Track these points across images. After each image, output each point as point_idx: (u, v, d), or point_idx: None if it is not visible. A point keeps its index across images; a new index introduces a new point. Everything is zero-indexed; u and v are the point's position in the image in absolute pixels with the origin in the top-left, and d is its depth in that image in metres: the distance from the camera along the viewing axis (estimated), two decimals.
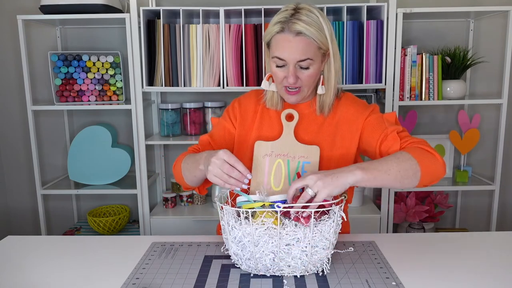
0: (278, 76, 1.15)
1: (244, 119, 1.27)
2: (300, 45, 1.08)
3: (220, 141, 1.28)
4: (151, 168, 2.37)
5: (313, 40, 1.08)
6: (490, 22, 2.23)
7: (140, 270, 1.04)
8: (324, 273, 1.00)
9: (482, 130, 2.31)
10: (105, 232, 2.14)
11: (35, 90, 2.29)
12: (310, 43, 1.09)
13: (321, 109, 1.22)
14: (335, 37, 1.97)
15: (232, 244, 0.99)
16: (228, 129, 1.29)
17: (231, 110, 1.30)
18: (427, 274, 1.00)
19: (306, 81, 1.14)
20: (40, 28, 2.26)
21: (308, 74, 1.13)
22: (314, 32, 1.07)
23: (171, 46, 1.97)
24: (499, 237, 1.23)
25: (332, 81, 1.18)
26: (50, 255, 1.13)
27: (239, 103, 1.30)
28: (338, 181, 0.96)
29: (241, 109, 1.29)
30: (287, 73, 1.12)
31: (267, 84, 1.22)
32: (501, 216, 2.38)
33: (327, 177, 0.96)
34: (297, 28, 1.07)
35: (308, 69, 1.12)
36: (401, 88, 2.02)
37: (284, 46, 1.09)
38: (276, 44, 1.11)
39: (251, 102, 1.29)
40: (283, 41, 1.09)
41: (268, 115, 1.26)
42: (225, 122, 1.29)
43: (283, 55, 1.10)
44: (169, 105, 2.12)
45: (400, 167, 1.02)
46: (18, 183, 2.44)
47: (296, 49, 1.09)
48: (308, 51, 1.09)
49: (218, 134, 1.29)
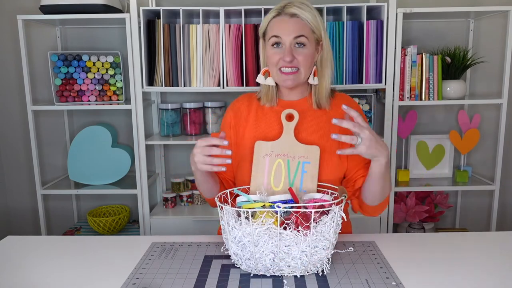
0: (274, 58, 1.18)
1: (238, 121, 1.29)
2: (296, 24, 1.16)
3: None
4: (151, 168, 2.37)
5: (307, 22, 1.16)
6: (490, 22, 2.23)
7: (140, 270, 1.04)
8: (324, 273, 1.00)
9: (482, 130, 2.31)
10: (105, 232, 2.14)
11: (35, 90, 2.29)
12: (305, 24, 1.16)
13: (317, 103, 1.24)
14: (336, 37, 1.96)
15: (232, 244, 0.99)
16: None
17: (226, 120, 1.32)
18: (427, 274, 1.00)
19: (302, 61, 1.17)
20: (40, 28, 2.26)
21: (304, 53, 1.17)
22: (308, 15, 1.16)
23: (171, 46, 1.97)
24: (499, 237, 1.23)
25: (325, 72, 1.22)
26: (50, 255, 1.13)
27: (233, 109, 1.32)
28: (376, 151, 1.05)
29: (234, 114, 1.30)
30: (283, 53, 1.16)
31: (263, 78, 1.24)
32: (501, 216, 2.38)
33: (376, 142, 1.05)
34: (292, 11, 1.15)
35: (304, 46, 1.17)
36: (401, 88, 2.02)
37: (281, 25, 1.16)
38: (273, 26, 1.18)
39: (243, 103, 1.31)
40: (280, 22, 1.17)
41: (263, 113, 1.27)
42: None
43: (280, 33, 1.16)
44: (169, 105, 2.12)
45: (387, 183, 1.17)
46: (18, 183, 2.44)
47: (292, 27, 1.15)
48: (304, 30, 1.16)
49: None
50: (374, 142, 1.04)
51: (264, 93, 1.27)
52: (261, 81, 1.24)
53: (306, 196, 1.07)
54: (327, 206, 0.98)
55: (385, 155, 1.07)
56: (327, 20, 1.95)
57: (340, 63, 1.97)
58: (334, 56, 1.96)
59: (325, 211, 0.99)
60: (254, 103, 1.30)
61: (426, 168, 2.27)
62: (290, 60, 1.15)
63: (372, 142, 1.04)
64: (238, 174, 1.27)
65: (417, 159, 2.26)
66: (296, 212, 0.96)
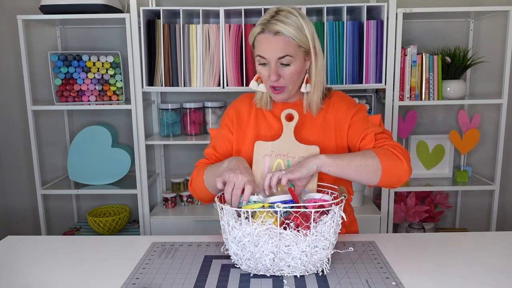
0: (263, 75, 1.19)
1: (240, 121, 1.30)
2: (279, 43, 1.13)
3: (223, 150, 1.32)
4: (151, 168, 2.37)
5: (292, 38, 1.13)
6: (490, 22, 2.23)
7: (140, 270, 1.04)
8: (324, 273, 1.00)
9: (482, 130, 2.31)
10: (105, 232, 2.14)
11: (35, 90, 2.29)
12: (289, 41, 1.13)
13: (308, 109, 1.25)
14: (336, 37, 1.96)
15: (232, 244, 0.99)
16: (228, 138, 1.31)
17: (227, 117, 1.33)
18: (427, 274, 1.00)
19: (288, 78, 1.17)
20: (40, 28, 2.26)
21: (290, 71, 1.16)
22: (292, 31, 1.12)
23: (171, 46, 1.97)
24: (499, 237, 1.23)
25: (317, 80, 1.22)
26: (50, 255, 1.13)
27: (233, 107, 1.33)
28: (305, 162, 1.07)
29: (235, 113, 1.31)
30: (269, 72, 1.16)
31: (256, 85, 1.26)
32: (501, 216, 2.38)
33: (300, 166, 1.07)
34: (275, 28, 1.12)
35: (289, 66, 1.16)
36: (401, 88, 2.02)
37: (265, 45, 1.15)
38: (258, 44, 1.16)
39: (244, 104, 1.33)
40: (264, 41, 1.15)
41: (262, 115, 1.29)
42: (224, 131, 1.32)
43: (264, 54, 1.15)
44: (169, 105, 2.12)
45: (362, 162, 1.10)
46: (18, 183, 2.44)
47: (275, 47, 1.13)
48: (287, 49, 1.13)
49: (220, 145, 1.32)
50: (298, 167, 1.07)
51: (259, 98, 1.29)
52: (254, 87, 1.26)
53: (305, 196, 1.08)
54: (327, 206, 0.98)
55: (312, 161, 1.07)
56: (327, 20, 1.95)
57: (340, 63, 1.97)
58: (334, 56, 1.96)
59: (325, 211, 0.99)
60: (254, 105, 1.31)
61: (426, 168, 2.27)
62: (276, 79, 1.16)
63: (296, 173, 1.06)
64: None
65: (417, 159, 2.26)
66: (296, 212, 0.96)
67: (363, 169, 1.09)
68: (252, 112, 1.30)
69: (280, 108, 1.27)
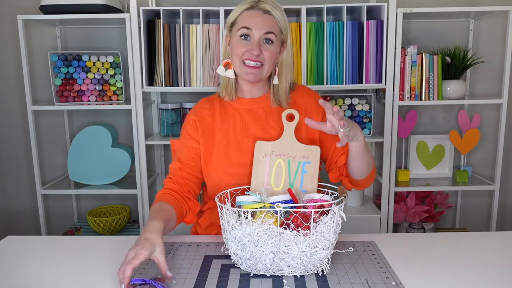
0: (240, 50, 1.19)
1: (204, 127, 1.27)
2: (268, 20, 1.18)
3: (189, 162, 1.26)
4: (151, 168, 2.38)
5: (278, 21, 1.19)
6: (490, 22, 2.23)
7: (140, 270, 1.04)
8: (324, 273, 1.00)
9: (482, 130, 2.31)
10: (105, 232, 2.14)
11: (35, 90, 2.29)
12: (275, 22, 1.19)
13: (277, 102, 1.26)
14: (336, 37, 1.96)
15: (232, 244, 0.99)
16: (192, 147, 1.26)
17: (189, 125, 1.28)
18: (427, 274, 1.00)
19: (268, 57, 1.19)
20: (40, 28, 2.26)
21: (271, 50, 1.19)
22: (279, 14, 1.19)
23: (171, 46, 1.97)
24: (499, 237, 1.23)
25: (286, 72, 1.25)
26: (50, 255, 1.13)
27: (195, 114, 1.29)
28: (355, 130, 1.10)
29: (198, 119, 1.27)
30: (251, 46, 1.17)
31: (223, 70, 1.25)
32: (501, 216, 2.38)
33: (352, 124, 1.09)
34: (265, 7, 1.18)
35: (272, 43, 1.19)
36: (401, 88, 2.02)
37: (254, 18, 1.18)
38: (245, 18, 1.19)
39: (205, 108, 1.29)
40: (252, 16, 1.19)
41: (228, 114, 1.27)
42: (187, 140, 1.27)
43: (251, 25, 1.17)
44: (169, 105, 2.12)
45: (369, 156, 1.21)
46: (18, 183, 2.44)
47: (264, 23, 1.18)
48: (274, 27, 1.19)
49: (185, 156, 1.26)
50: (351, 124, 1.08)
51: (224, 86, 1.27)
52: (221, 72, 1.25)
53: (305, 196, 1.08)
54: (326, 206, 0.98)
55: (361, 132, 1.13)
56: (327, 20, 1.95)
57: (340, 63, 1.97)
58: (334, 56, 1.96)
59: (325, 211, 0.99)
60: (216, 107, 1.28)
61: (426, 168, 2.27)
62: (257, 54, 1.17)
63: (350, 125, 1.07)
64: (210, 178, 1.26)
65: (417, 159, 2.26)
66: (296, 212, 0.96)
67: (367, 163, 1.20)
68: (215, 114, 1.27)
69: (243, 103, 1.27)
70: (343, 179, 1.27)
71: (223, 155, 1.24)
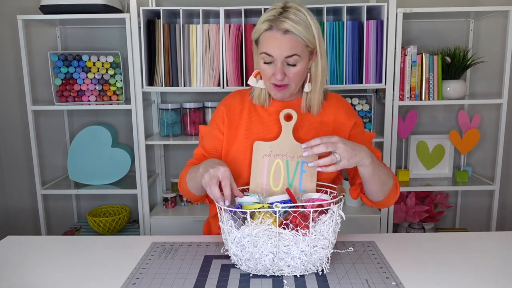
0: (266, 73, 1.16)
1: (231, 120, 1.27)
2: (288, 43, 1.10)
3: (212, 151, 1.28)
4: (151, 168, 2.37)
5: (301, 38, 1.10)
6: (490, 22, 2.23)
7: (140, 270, 1.04)
8: (324, 273, 1.00)
9: (482, 130, 2.31)
10: (105, 232, 2.14)
11: (35, 90, 2.29)
12: (298, 41, 1.10)
13: (308, 108, 1.23)
14: (336, 37, 1.96)
15: (232, 245, 0.99)
16: (217, 137, 1.27)
17: (217, 114, 1.29)
18: (427, 274, 1.00)
19: (293, 78, 1.15)
20: (40, 28, 2.26)
21: (295, 71, 1.14)
22: (301, 30, 1.09)
23: (171, 46, 1.97)
24: (499, 237, 1.23)
25: (319, 79, 1.20)
26: (50, 255, 1.13)
27: (225, 104, 1.29)
28: (357, 158, 1.02)
29: (227, 110, 1.28)
30: (275, 70, 1.13)
31: (254, 81, 1.23)
32: (501, 216, 2.38)
33: (353, 150, 1.02)
34: (285, 27, 1.09)
35: (295, 66, 1.13)
36: (401, 88, 2.02)
37: (272, 43, 1.11)
38: (265, 41, 1.12)
39: (236, 101, 1.29)
40: (271, 39, 1.11)
41: (255, 111, 1.26)
42: (213, 130, 1.29)
43: (271, 51, 1.11)
44: (169, 105, 2.12)
45: (384, 179, 1.12)
46: (18, 183, 2.44)
47: (284, 46, 1.10)
48: (296, 48, 1.10)
49: (209, 145, 1.28)
50: (352, 151, 1.01)
51: (257, 94, 1.26)
52: (253, 83, 1.23)
53: (304, 196, 1.07)
54: (325, 205, 0.98)
55: (366, 156, 1.04)
56: (327, 20, 1.95)
57: (340, 63, 1.97)
58: (334, 56, 1.96)
59: (323, 210, 0.99)
60: (246, 102, 1.28)
61: (426, 168, 2.27)
62: (281, 78, 1.13)
63: (349, 152, 1.01)
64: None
65: (417, 159, 2.26)
66: (295, 212, 0.96)
67: (382, 184, 1.12)
68: (244, 108, 1.27)
69: (275, 106, 1.25)
70: (362, 197, 1.22)
71: (242, 152, 1.22)
